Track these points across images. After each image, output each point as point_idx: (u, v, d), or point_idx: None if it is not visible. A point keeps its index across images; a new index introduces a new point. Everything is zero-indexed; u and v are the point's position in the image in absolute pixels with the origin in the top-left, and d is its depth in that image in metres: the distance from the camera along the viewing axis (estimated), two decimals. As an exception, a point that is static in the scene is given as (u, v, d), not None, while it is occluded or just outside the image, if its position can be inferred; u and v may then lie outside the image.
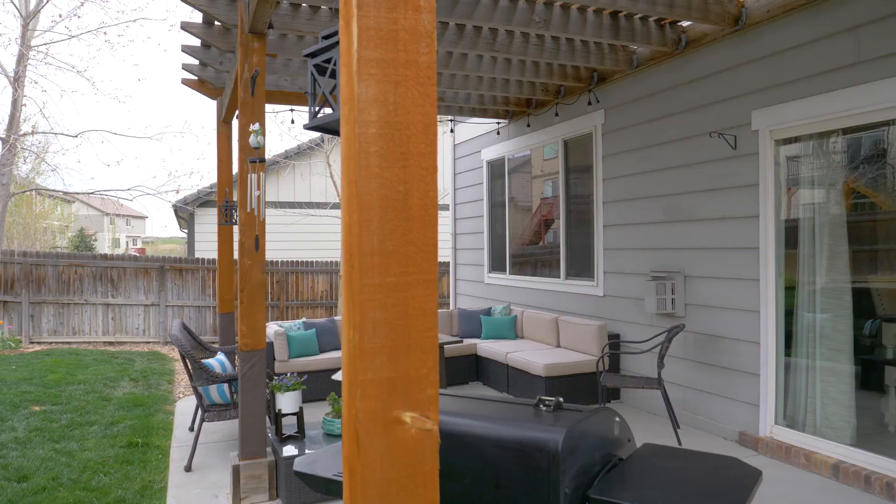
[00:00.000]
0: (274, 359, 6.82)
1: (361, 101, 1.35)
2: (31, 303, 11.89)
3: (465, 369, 7.70)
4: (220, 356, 6.08)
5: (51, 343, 11.89)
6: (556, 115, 7.60)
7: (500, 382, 7.23)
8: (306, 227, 15.69)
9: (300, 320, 7.46)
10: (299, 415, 4.53)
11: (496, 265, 9.27)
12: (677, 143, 5.92)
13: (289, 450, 4.30)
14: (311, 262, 14.29)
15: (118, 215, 46.72)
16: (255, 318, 4.42)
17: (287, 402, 4.45)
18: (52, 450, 5.71)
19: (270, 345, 6.84)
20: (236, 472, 4.28)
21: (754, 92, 5.15)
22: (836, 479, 4.46)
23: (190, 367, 5.08)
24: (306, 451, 4.33)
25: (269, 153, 16.36)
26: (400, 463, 1.44)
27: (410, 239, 1.43)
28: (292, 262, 14.11)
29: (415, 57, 1.41)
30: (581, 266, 7.38)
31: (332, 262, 14.35)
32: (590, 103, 6.94)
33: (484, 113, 8.61)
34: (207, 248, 15.57)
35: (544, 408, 1.81)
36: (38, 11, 9.99)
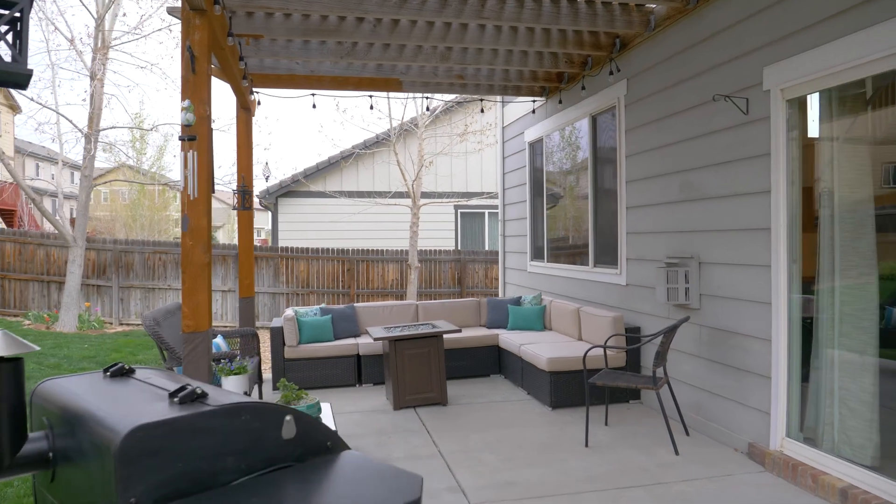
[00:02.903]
0: (283, 343, 6.80)
1: None
2: (121, 287, 12.84)
3: (487, 361, 7.31)
4: (219, 339, 6.14)
5: (137, 325, 12.79)
6: (583, 88, 6.98)
7: (517, 376, 6.78)
8: (379, 215, 15.81)
9: (318, 306, 7.41)
10: (246, 400, 4.42)
11: (537, 253, 8.75)
12: (691, 111, 5.20)
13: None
14: (382, 251, 14.35)
15: (264, 208, 49.89)
16: (199, 299, 4.35)
17: (230, 385, 4.36)
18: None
19: (280, 329, 6.84)
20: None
21: (766, 45, 4.37)
22: (844, 507, 3.68)
23: (163, 350, 5.14)
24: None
25: (346, 144, 16.61)
26: None
27: None
28: (363, 250, 14.25)
29: None
30: (607, 253, 6.75)
31: (402, 251, 14.34)
32: (611, 73, 6.29)
33: (518, 91, 8.12)
34: (291, 236, 16.12)
35: (177, 397, 1.51)
36: (112, 7, 10.66)
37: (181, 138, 4.10)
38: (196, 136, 4.12)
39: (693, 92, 5.18)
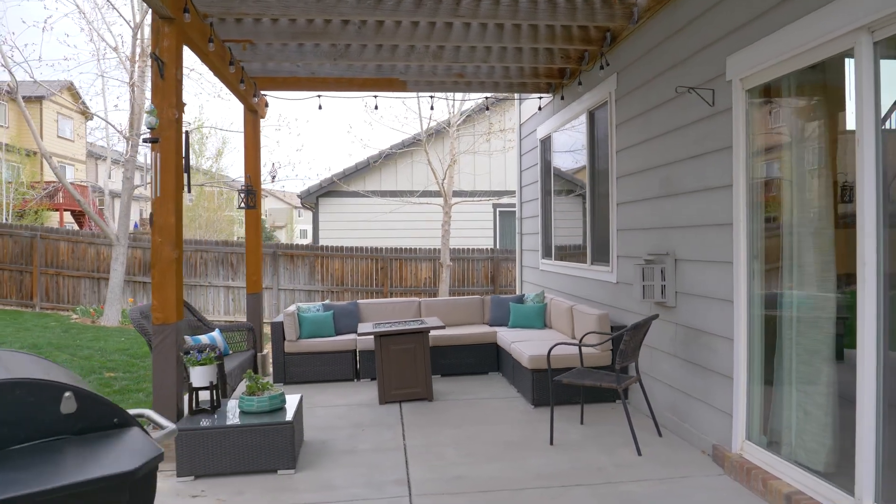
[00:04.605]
0: (284, 338, 7.02)
1: None
2: (165, 283, 13.47)
3: (486, 359, 7.31)
4: (215, 333, 6.41)
5: (180, 319, 13.40)
6: (580, 84, 6.89)
7: (510, 373, 6.77)
8: (415, 214, 16.00)
9: (321, 302, 7.60)
10: (214, 389, 4.62)
11: (547, 251, 8.68)
12: (668, 104, 5.07)
13: (187, 422, 4.40)
14: (415, 250, 14.51)
15: (305, 208, 51.40)
16: (167, 293, 4.58)
17: (198, 375, 4.55)
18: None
19: (280, 324, 7.06)
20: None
21: (729, 34, 4.23)
22: (790, 514, 3.53)
23: (150, 343, 5.41)
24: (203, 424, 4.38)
25: (381, 144, 16.92)
26: None
27: None
28: (396, 249, 14.44)
29: None
30: (601, 250, 6.64)
31: (435, 249, 14.45)
32: (601, 67, 6.18)
33: (523, 88, 8.07)
34: (331, 235, 16.50)
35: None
36: (146, 16, 11.21)
37: (145, 140, 4.33)
38: (159, 138, 4.34)
39: (670, 85, 5.05)
